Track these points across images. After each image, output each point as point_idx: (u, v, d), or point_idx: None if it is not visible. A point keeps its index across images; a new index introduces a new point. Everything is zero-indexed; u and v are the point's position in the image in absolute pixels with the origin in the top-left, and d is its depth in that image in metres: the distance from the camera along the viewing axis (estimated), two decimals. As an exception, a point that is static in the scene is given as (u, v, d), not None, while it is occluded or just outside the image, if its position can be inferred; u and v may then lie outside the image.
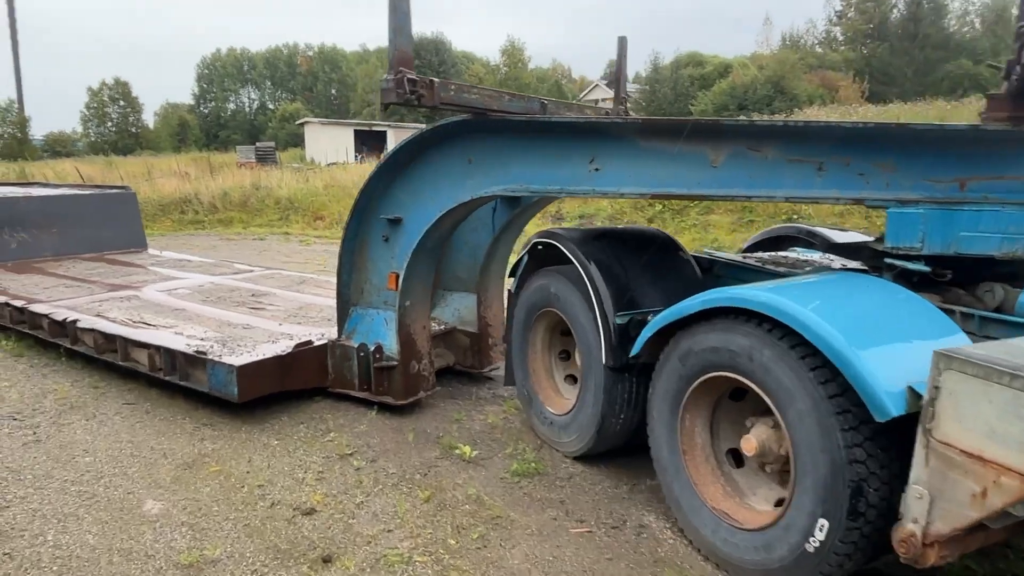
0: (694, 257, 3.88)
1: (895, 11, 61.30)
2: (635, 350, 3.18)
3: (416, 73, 3.56)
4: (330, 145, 39.41)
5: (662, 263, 3.74)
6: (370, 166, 26.32)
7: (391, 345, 4.39)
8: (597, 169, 3.50)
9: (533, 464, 3.70)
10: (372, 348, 4.38)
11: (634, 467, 3.70)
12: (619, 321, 3.38)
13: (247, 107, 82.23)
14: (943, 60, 54.99)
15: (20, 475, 3.57)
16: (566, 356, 4.20)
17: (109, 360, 4.98)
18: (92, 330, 5.04)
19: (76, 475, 3.58)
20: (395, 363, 4.36)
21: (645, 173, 3.35)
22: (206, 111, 79.28)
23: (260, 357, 4.28)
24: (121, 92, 70.83)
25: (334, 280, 7.33)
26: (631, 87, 66.06)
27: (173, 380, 4.52)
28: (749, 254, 4.34)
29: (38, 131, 66.89)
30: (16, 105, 67.51)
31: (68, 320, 5.24)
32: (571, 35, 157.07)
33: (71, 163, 37.99)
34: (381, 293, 4.51)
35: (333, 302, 6.03)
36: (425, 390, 4.55)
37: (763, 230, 4.90)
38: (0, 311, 5.97)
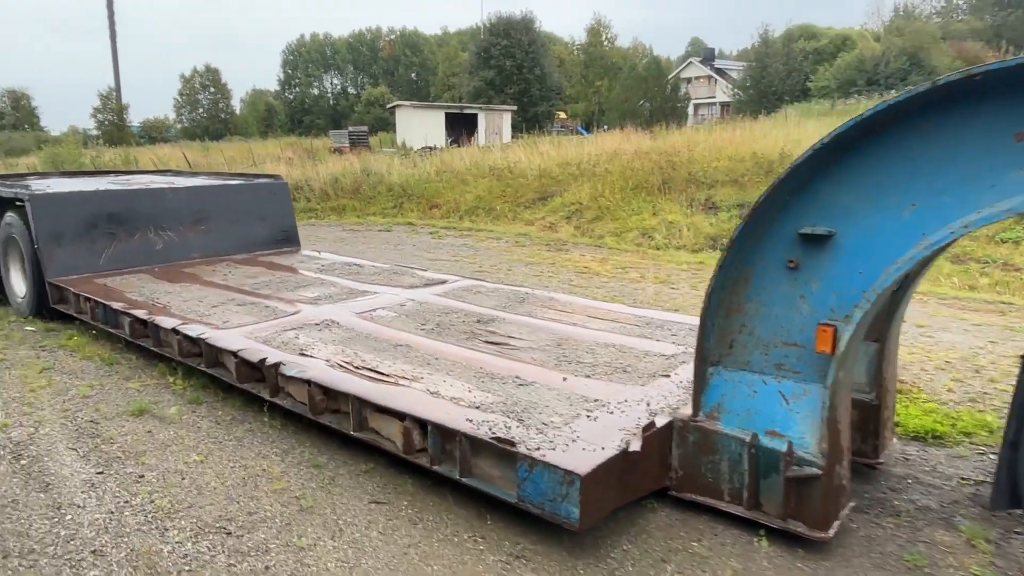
0: None
1: (1030, -26, 55.30)
2: None
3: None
4: (421, 129, 38.35)
5: None
6: (475, 150, 24.79)
7: (807, 440, 2.72)
8: None
9: None
10: (780, 446, 2.72)
11: None
12: None
13: (330, 92, 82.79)
14: (1089, 27, 49.15)
15: None
16: None
17: (329, 425, 3.53)
18: (305, 381, 3.59)
19: None
20: (817, 471, 2.69)
21: None
22: (291, 97, 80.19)
23: (605, 455, 2.69)
24: (212, 79, 72.43)
25: (559, 296, 5.77)
26: (730, 64, 62.30)
27: (448, 474, 3.00)
28: None
29: (135, 118, 69.16)
30: (115, 93, 69.95)
31: (268, 362, 3.82)
32: (645, 13, 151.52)
33: (170, 148, 38.31)
34: (772, 351, 2.84)
35: (592, 334, 4.44)
36: (843, 508, 2.86)
37: None
38: (165, 338, 4.65)
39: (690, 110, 48.95)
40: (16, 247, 6.43)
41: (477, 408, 3.18)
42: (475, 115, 41.92)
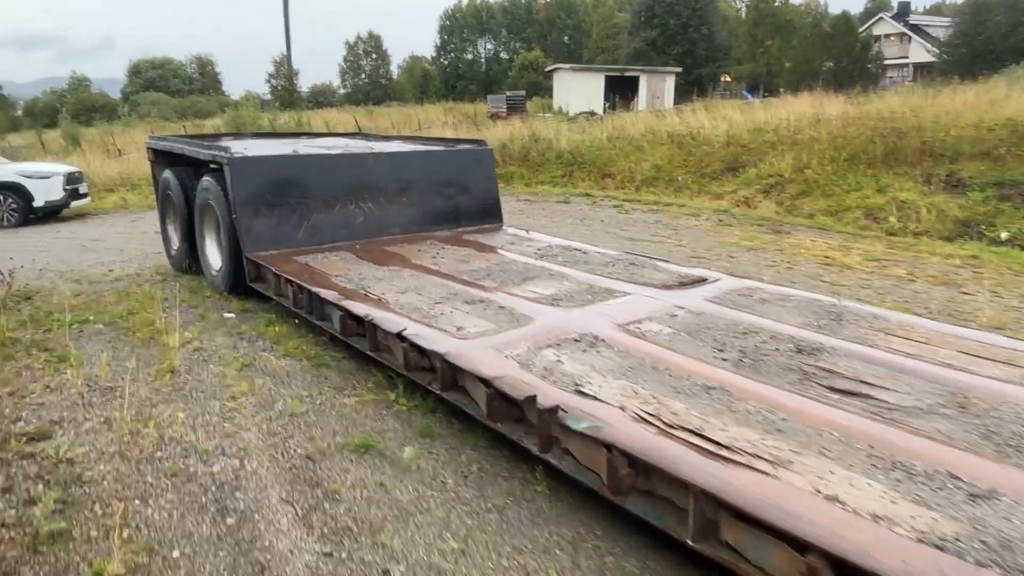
0: None
1: None
2: None
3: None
4: (580, 93, 36.77)
5: None
6: (649, 114, 22.94)
7: None
8: None
9: None
10: None
11: None
12: None
13: (483, 57, 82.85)
14: None
15: None
16: None
17: (643, 517, 2.35)
18: (604, 444, 2.43)
19: None
20: None
21: None
22: (446, 62, 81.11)
23: None
24: (374, 45, 74.82)
25: (887, 313, 4.14)
26: (929, 20, 54.63)
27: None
28: None
29: (303, 83, 73.03)
30: (287, 59, 74.06)
31: (540, 405, 2.71)
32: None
33: (337, 112, 39.59)
34: None
35: (995, 386, 2.88)
36: None
37: None
38: (385, 341, 3.71)
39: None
40: (212, 215, 5.88)
41: (938, 547, 1.85)
42: (636, 78, 39.58)
